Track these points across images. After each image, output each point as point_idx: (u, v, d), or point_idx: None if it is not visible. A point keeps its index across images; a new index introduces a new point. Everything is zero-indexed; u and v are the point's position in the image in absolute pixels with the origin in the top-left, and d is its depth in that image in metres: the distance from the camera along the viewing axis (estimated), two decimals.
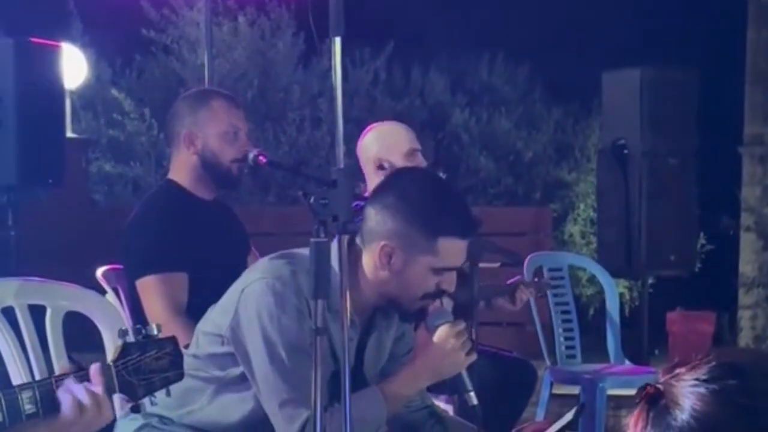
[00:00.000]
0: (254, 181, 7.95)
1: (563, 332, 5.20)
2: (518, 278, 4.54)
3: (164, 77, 8.78)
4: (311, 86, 8.70)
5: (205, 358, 2.79)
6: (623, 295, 8.11)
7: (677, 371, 1.40)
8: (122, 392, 2.04)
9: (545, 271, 5.11)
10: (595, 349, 5.81)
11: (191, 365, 2.78)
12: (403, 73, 9.17)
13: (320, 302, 2.42)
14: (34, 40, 5.26)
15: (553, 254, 6.19)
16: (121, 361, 2.03)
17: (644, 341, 6.25)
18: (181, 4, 8.60)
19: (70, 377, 1.98)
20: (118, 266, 3.76)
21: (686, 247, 6.38)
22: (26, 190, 5.48)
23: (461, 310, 3.98)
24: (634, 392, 1.45)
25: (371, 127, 4.44)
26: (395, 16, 8.67)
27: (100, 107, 8.56)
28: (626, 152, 6.17)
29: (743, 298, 8.10)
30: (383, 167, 4.38)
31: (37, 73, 5.21)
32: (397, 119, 5.51)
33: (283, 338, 2.63)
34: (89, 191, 7.84)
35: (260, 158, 3.83)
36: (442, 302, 2.97)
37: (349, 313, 2.59)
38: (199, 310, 3.09)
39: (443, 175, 6.12)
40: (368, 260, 2.72)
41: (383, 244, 2.67)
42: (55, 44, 5.44)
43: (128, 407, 2.09)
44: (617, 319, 5.29)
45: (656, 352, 7.43)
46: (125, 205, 7.77)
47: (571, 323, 5.22)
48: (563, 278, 5.22)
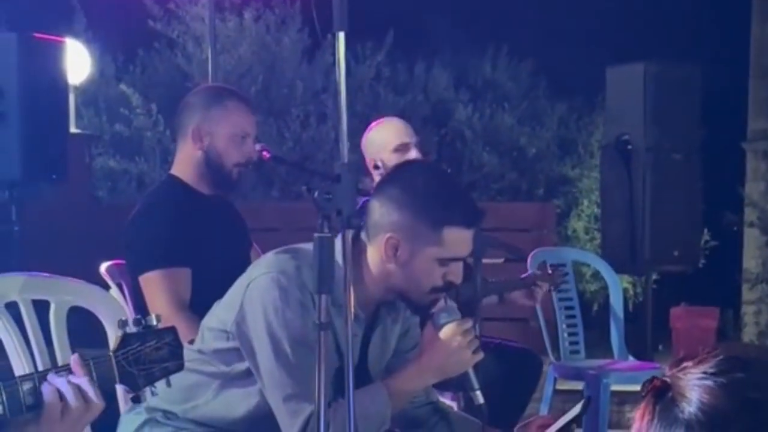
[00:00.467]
0: (258, 176, 7.95)
1: (567, 328, 5.19)
2: (531, 273, 4.54)
3: (168, 73, 8.78)
4: (315, 81, 8.70)
5: (210, 353, 2.79)
6: (627, 290, 8.11)
7: (684, 365, 1.40)
8: (122, 383, 2.03)
9: (548, 267, 5.10)
10: (598, 344, 5.81)
11: (196, 361, 2.78)
12: (406, 68, 9.17)
13: (324, 297, 2.42)
14: (37, 35, 5.26)
15: (556, 250, 6.19)
16: (120, 351, 2.03)
17: (648, 337, 6.25)
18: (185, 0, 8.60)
19: (51, 371, 1.98)
20: (121, 262, 3.76)
21: (690, 242, 6.37)
22: (29, 185, 5.47)
23: (465, 305, 3.99)
24: (637, 388, 1.44)
25: (370, 126, 4.52)
26: (398, 11, 8.66)
27: (103, 103, 8.56)
28: (630, 148, 6.16)
29: (747, 293, 8.10)
30: (377, 167, 4.47)
31: (40, 68, 5.21)
32: (400, 115, 5.54)
33: (287, 333, 2.63)
34: (93, 187, 7.84)
35: (264, 153, 3.83)
36: (446, 300, 2.97)
37: (353, 308, 2.59)
38: (201, 305, 3.09)
39: (447, 170, 6.14)
40: (373, 254, 2.72)
41: (389, 236, 2.67)
42: (58, 39, 5.44)
43: (131, 402, 2.09)
44: (621, 314, 5.29)
45: (660, 347, 7.43)
46: (129, 201, 7.77)
47: (574, 319, 5.22)
48: (567, 274, 5.21)
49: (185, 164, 3.74)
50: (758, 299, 8.05)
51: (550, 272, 4.56)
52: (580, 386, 5.23)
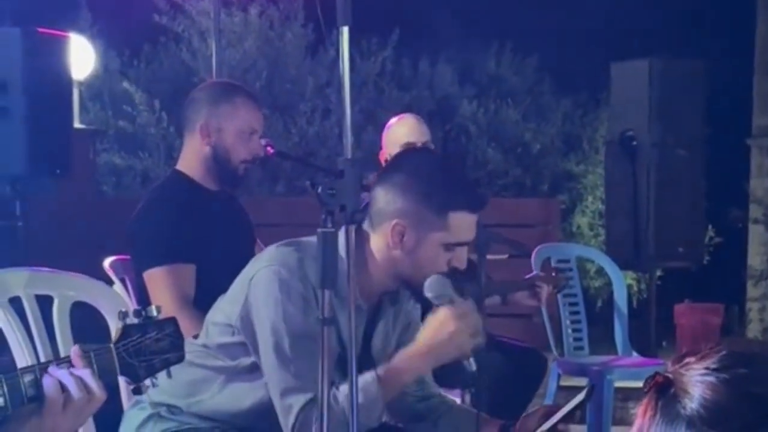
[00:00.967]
0: (262, 171, 7.95)
1: (571, 324, 5.19)
2: (535, 274, 4.54)
3: (172, 68, 8.77)
4: (320, 77, 8.69)
5: (215, 347, 2.79)
6: (631, 287, 8.10)
7: (687, 360, 1.39)
8: (123, 374, 2.04)
9: (553, 262, 5.10)
10: (602, 340, 5.81)
11: (201, 355, 2.78)
12: (410, 64, 9.16)
13: (327, 292, 2.41)
14: (41, 30, 5.26)
15: (561, 246, 6.18)
16: (121, 342, 2.03)
17: (652, 333, 6.24)
18: None
19: (52, 363, 1.98)
20: (125, 257, 3.76)
21: (695, 239, 6.37)
22: (33, 180, 5.48)
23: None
24: (641, 384, 1.44)
25: (390, 121, 4.62)
26: (403, 6, 8.66)
27: (108, 98, 8.56)
28: (635, 143, 6.16)
29: (751, 290, 8.09)
30: (387, 161, 4.49)
31: (44, 63, 5.21)
32: (404, 111, 5.55)
33: (287, 326, 2.63)
34: (97, 182, 7.84)
35: (268, 149, 3.83)
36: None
37: (356, 299, 2.59)
38: (205, 301, 3.09)
39: None
40: (378, 242, 2.72)
41: (395, 222, 2.67)
42: (63, 34, 5.44)
43: (132, 393, 2.09)
44: (625, 310, 5.29)
45: (664, 344, 7.43)
46: (133, 196, 7.77)
47: (578, 315, 5.21)
48: (571, 270, 5.22)
49: (192, 160, 3.73)
50: (763, 296, 8.04)
51: (553, 274, 4.55)
52: (583, 382, 5.23)
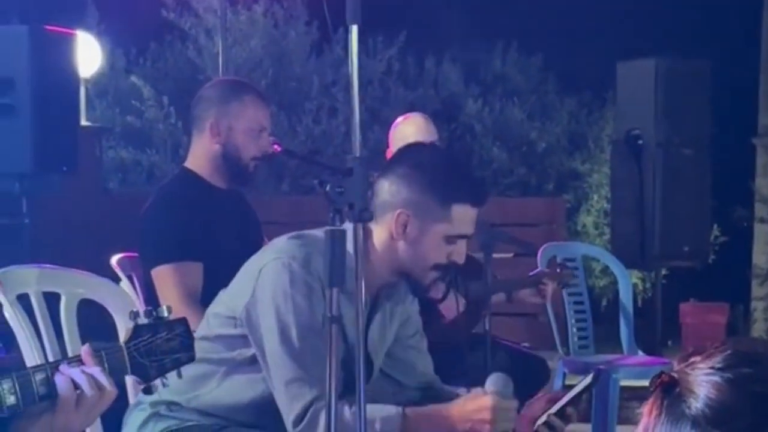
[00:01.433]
0: (268, 169, 7.96)
1: (576, 323, 5.19)
2: (540, 270, 4.54)
3: (178, 65, 8.78)
4: (325, 75, 8.70)
5: (214, 339, 2.79)
6: (636, 286, 8.10)
7: (692, 360, 1.40)
8: (134, 374, 2.05)
9: (557, 264, 5.09)
10: (607, 339, 5.81)
11: (200, 348, 2.78)
12: (416, 62, 9.17)
13: (335, 291, 2.42)
14: (48, 27, 5.27)
15: (567, 245, 6.18)
16: (132, 342, 2.04)
17: (657, 332, 6.24)
18: None
19: (63, 362, 1.99)
20: (132, 254, 3.77)
21: (700, 238, 6.37)
22: (40, 177, 5.48)
23: (475, 302, 3.99)
24: (647, 383, 1.45)
25: (396, 120, 4.63)
26: (409, 5, 8.66)
27: (114, 95, 8.57)
28: (640, 143, 6.16)
29: (756, 289, 8.09)
30: None
31: (51, 60, 5.21)
32: (410, 109, 5.56)
33: (295, 319, 2.65)
34: (103, 179, 7.85)
35: (275, 146, 3.84)
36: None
37: (350, 287, 2.59)
38: (212, 299, 3.10)
39: None
40: (381, 233, 2.75)
41: (399, 212, 2.71)
42: (69, 32, 5.44)
43: (143, 393, 2.10)
44: (630, 309, 5.29)
45: (669, 343, 7.43)
46: (139, 193, 7.78)
47: (584, 314, 5.21)
48: (577, 269, 5.21)
49: (201, 158, 3.74)
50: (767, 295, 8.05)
51: (558, 270, 4.55)
52: (589, 381, 5.23)
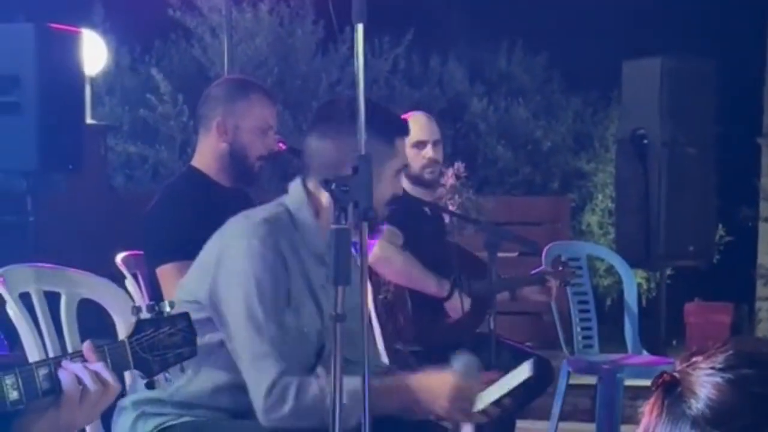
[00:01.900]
0: (273, 168, 7.95)
1: (581, 322, 5.19)
2: (542, 268, 4.53)
3: (183, 63, 8.78)
4: (331, 74, 8.69)
5: None
6: (640, 285, 8.08)
7: (694, 360, 1.40)
8: (137, 368, 2.05)
9: (561, 262, 5.09)
10: (611, 339, 5.80)
11: None
12: (421, 61, 9.16)
13: (340, 289, 2.42)
14: (54, 25, 5.27)
15: (571, 244, 6.18)
16: (135, 337, 2.05)
17: (662, 332, 6.23)
18: None
19: (65, 358, 1.99)
20: (137, 252, 3.77)
21: (705, 237, 6.35)
22: (45, 175, 5.49)
23: (480, 300, 3.99)
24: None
25: None
26: (414, 4, 8.65)
27: (120, 93, 8.57)
28: (646, 142, 6.14)
29: (761, 289, 8.08)
30: None
31: (57, 58, 5.22)
32: (415, 108, 5.54)
33: (259, 294, 2.68)
34: (108, 177, 7.85)
35: (280, 145, 3.84)
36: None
37: (319, 251, 2.72)
38: None
39: (462, 164, 6.15)
40: None
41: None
42: (75, 30, 5.45)
43: (146, 387, 2.10)
44: (635, 309, 5.29)
45: (674, 342, 7.42)
46: (144, 191, 7.78)
47: (589, 313, 5.21)
48: (581, 268, 5.21)
49: (207, 156, 3.74)
50: None
51: (561, 268, 4.54)
52: (593, 380, 5.23)
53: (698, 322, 7.63)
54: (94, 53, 6.74)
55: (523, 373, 2.74)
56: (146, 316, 2.07)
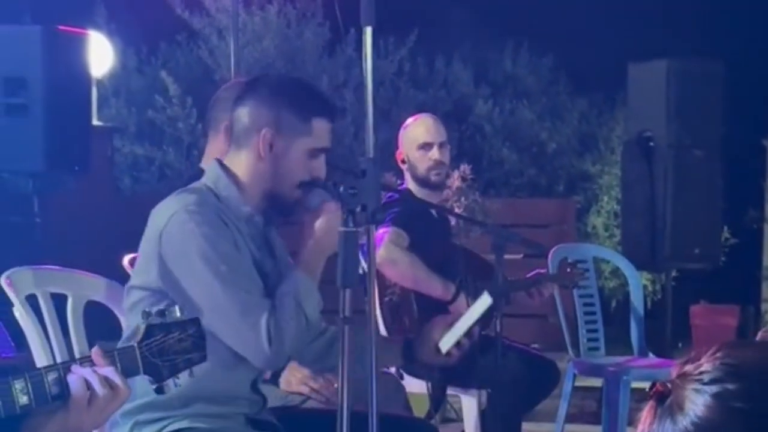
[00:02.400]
0: None
1: (586, 324, 5.18)
2: (537, 272, 4.51)
3: (189, 65, 8.79)
4: (336, 76, 8.70)
5: None
6: (646, 287, 8.07)
7: (685, 369, 1.42)
8: (146, 373, 2.05)
9: (567, 265, 5.08)
10: (616, 341, 5.80)
11: None
12: (426, 63, 9.16)
13: (347, 292, 2.42)
14: (61, 27, 5.29)
15: (578, 246, 6.17)
16: (144, 342, 2.05)
17: (668, 334, 6.22)
18: None
19: (75, 362, 2.00)
20: None
21: (711, 239, 6.34)
22: (52, 177, 5.50)
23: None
24: None
25: (406, 121, 4.61)
26: (420, 6, 8.65)
27: (125, 95, 8.58)
28: (652, 144, 6.14)
29: (767, 291, 8.07)
30: (404, 161, 4.49)
31: (63, 60, 5.23)
32: (420, 110, 5.55)
33: (218, 252, 2.66)
34: (115, 178, 7.87)
35: None
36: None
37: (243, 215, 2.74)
38: None
39: (468, 166, 6.14)
40: (247, 158, 2.81)
41: (264, 132, 2.77)
42: (82, 32, 5.46)
43: (155, 393, 2.10)
44: (641, 311, 5.28)
45: (680, 345, 7.41)
46: (151, 192, 7.79)
47: (594, 315, 5.20)
48: (588, 270, 5.20)
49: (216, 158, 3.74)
50: None
51: (569, 270, 4.53)
52: (599, 383, 5.23)
53: (704, 324, 7.62)
54: (100, 55, 6.75)
55: (484, 303, 2.76)
56: (156, 320, 2.07)
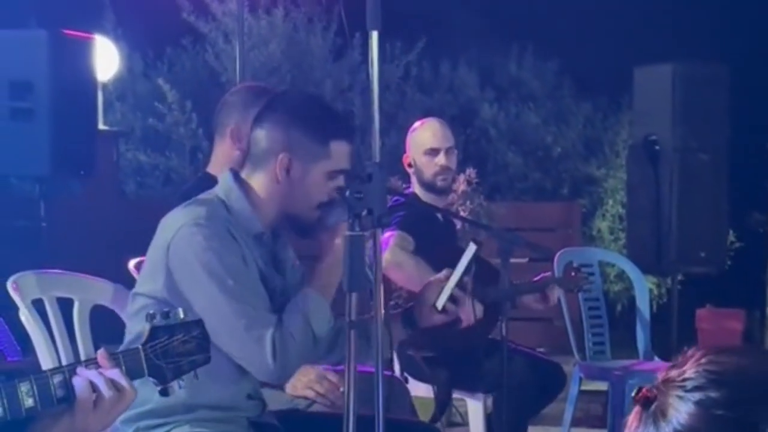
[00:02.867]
0: None
1: (592, 328, 5.18)
2: (543, 275, 4.51)
3: (196, 69, 8.80)
4: (342, 80, 8.70)
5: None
6: (651, 291, 8.07)
7: (670, 375, 1.44)
8: (151, 376, 2.06)
9: (572, 269, 5.07)
10: (622, 345, 5.79)
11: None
12: (432, 67, 9.16)
13: (354, 295, 2.42)
14: (67, 32, 5.29)
15: (583, 250, 6.18)
16: (149, 344, 2.06)
17: (673, 338, 6.22)
18: None
19: (80, 365, 2.00)
20: None
21: (717, 243, 6.34)
22: (58, 181, 5.51)
23: (492, 306, 3.99)
24: None
25: (414, 125, 4.62)
26: (425, 10, 8.66)
27: (132, 99, 8.59)
28: (657, 148, 6.14)
29: None
30: (411, 165, 4.49)
31: (70, 64, 5.24)
32: (426, 114, 5.55)
33: (225, 267, 2.66)
34: (120, 183, 7.88)
35: None
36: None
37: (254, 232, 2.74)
38: None
39: (473, 170, 6.15)
40: (264, 180, 2.80)
41: (281, 156, 2.77)
42: (88, 36, 5.47)
43: (159, 395, 2.10)
44: (647, 315, 5.28)
45: (685, 349, 7.39)
46: (156, 196, 7.80)
47: (600, 319, 5.20)
48: (593, 274, 5.20)
49: (221, 163, 3.74)
50: None
51: (573, 274, 4.53)
52: (605, 386, 5.22)
53: (710, 328, 7.62)
54: (106, 59, 6.76)
55: (470, 250, 2.80)
56: (160, 323, 2.07)
